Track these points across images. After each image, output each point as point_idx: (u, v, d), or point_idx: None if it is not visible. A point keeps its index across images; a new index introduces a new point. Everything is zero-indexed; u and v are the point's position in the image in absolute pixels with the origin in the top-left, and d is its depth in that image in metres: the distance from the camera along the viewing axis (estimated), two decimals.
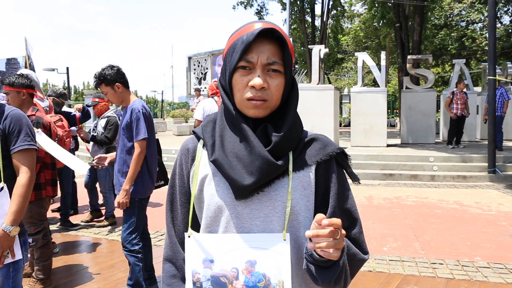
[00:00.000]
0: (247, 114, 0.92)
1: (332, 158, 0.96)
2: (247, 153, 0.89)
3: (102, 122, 4.64)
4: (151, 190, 2.83)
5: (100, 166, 2.95)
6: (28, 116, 3.02)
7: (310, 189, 0.94)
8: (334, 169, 0.96)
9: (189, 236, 0.93)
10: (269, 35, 0.90)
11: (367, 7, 20.24)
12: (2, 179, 1.70)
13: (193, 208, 0.98)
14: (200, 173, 0.96)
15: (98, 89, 2.90)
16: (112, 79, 2.77)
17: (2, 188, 1.69)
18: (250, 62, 0.89)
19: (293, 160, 0.93)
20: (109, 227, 4.69)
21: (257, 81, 0.89)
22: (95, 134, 4.63)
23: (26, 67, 5.60)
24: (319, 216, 0.78)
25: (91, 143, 4.66)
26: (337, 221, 0.78)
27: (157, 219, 4.51)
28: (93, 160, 2.96)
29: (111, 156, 2.95)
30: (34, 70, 5.91)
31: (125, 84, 2.85)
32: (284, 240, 0.87)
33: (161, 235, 4.40)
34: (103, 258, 3.72)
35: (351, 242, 0.94)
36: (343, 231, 0.82)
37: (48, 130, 3.19)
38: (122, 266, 3.52)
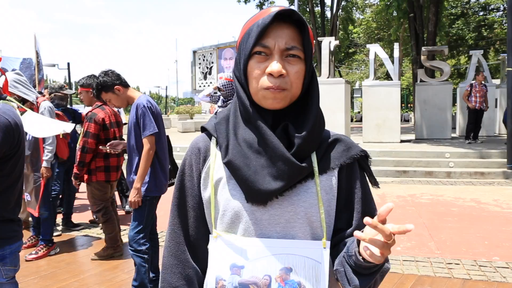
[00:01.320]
0: (264, 105, 0.84)
1: (355, 161, 0.90)
2: (267, 155, 0.82)
3: None
4: (165, 187, 2.80)
5: (112, 151, 3.09)
6: (87, 112, 3.57)
7: (332, 194, 0.88)
8: (357, 173, 0.91)
9: (215, 238, 0.86)
10: (287, 18, 0.83)
11: None
12: None
13: (202, 210, 0.92)
14: (214, 176, 0.89)
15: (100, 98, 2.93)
16: (110, 84, 2.78)
17: None
18: (266, 47, 0.82)
19: (318, 162, 0.87)
20: None
21: (274, 66, 0.81)
22: None
23: (34, 65, 5.60)
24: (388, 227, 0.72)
25: None
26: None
27: (162, 219, 4.44)
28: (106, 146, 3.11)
29: (124, 143, 2.96)
30: (42, 68, 5.89)
31: (124, 84, 2.84)
32: (324, 248, 0.83)
33: None
34: (107, 259, 3.70)
35: None
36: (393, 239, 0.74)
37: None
38: (125, 267, 3.50)
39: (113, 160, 3.59)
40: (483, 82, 9.25)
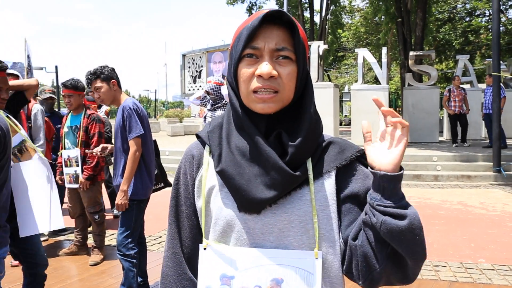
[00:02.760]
0: (255, 110, 0.81)
1: (353, 161, 0.87)
2: (260, 164, 0.80)
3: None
4: (151, 190, 2.79)
5: (99, 154, 3.09)
6: (90, 114, 3.68)
7: (332, 198, 0.85)
8: (360, 172, 0.88)
9: (205, 248, 0.85)
10: (277, 20, 0.81)
11: (367, 1, 20.08)
12: None
13: (198, 219, 0.90)
14: (207, 183, 0.87)
15: (89, 86, 2.88)
16: (109, 75, 2.80)
17: None
18: (256, 49, 0.80)
19: (312, 168, 0.84)
20: None
21: (264, 68, 0.78)
22: None
23: (25, 70, 5.54)
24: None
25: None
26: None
27: (150, 223, 4.42)
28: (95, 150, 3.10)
29: (111, 146, 2.97)
30: (32, 72, 5.85)
31: (119, 83, 2.87)
32: (316, 258, 0.81)
33: (154, 239, 4.36)
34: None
35: None
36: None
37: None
38: (113, 272, 3.46)
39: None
40: (461, 86, 9.43)
